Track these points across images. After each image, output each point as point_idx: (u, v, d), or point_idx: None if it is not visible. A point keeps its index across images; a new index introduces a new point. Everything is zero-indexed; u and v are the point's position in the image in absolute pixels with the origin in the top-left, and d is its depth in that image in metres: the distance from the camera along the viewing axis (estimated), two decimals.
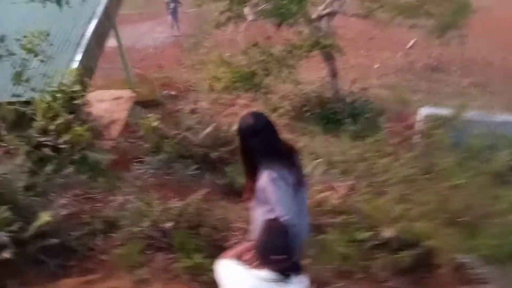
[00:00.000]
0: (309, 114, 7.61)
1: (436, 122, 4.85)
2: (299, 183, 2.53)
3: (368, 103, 8.30)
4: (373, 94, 9.04)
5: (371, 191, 4.01)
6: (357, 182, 4.45)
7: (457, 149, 4.43)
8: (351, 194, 4.21)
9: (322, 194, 3.95)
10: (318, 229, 3.73)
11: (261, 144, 2.46)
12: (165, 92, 9.56)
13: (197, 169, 5.35)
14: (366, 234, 3.59)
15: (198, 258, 3.68)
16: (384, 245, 3.65)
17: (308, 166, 4.51)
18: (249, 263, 2.18)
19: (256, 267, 2.08)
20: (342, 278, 3.37)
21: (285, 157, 2.51)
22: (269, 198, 2.36)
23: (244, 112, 7.57)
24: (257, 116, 2.57)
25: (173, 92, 9.67)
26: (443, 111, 5.40)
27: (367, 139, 5.57)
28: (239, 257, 2.31)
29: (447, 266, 3.33)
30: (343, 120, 6.78)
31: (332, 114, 7.52)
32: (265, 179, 2.39)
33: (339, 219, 3.80)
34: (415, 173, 3.89)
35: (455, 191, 3.48)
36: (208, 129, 5.47)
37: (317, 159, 5.04)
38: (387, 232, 3.55)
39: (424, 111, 5.64)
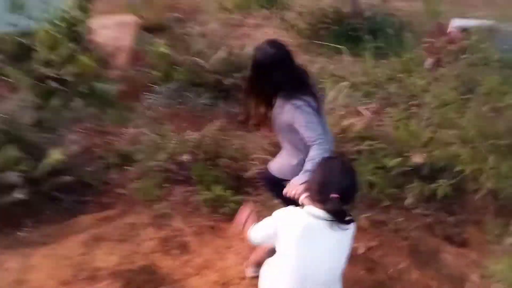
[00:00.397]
0: (325, 31, 7.04)
1: (479, 35, 4.32)
2: (319, 108, 2.41)
3: (389, 17, 7.63)
4: (393, 7, 8.31)
5: (401, 114, 3.71)
6: (384, 105, 4.15)
7: (502, 65, 4.00)
8: (377, 119, 3.94)
9: (346, 120, 3.68)
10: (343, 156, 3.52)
11: (284, 75, 2.32)
12: (171, 15, 9.00)
13: (210, 97, 5.07)
14: (394, 161, 3.37)
15: (218, 190, 3.55)
16: (414, 171, 3.45)
17: (329, 90, 4.20)
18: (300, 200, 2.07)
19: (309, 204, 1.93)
20: (369, 206, 3.21)
21: (305, 83, 2.40)
22: (300, 127, 2.27)
23: (257, 33, 7.14)
24: (277, 45, 2.39)
25: (180, 15, 9.10)
26: (476, 23, 4.87)
27: (391, 57, 5.17)
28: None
29: (481, 192, 3.13)
30: (363, 37, 6.24)
31: (350, 30, 6.92)
32: (290, 108, 2.29)
33: (364, 145, 3.56)
34: (454, 94, 3.53)
35: (499, 113, 3.17)
36: (219, 53, 5.09)
37: (337, 81, 4.71)
38: (417, 158, 3.32)
39: (455, 23, 5.09)
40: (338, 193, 1.81)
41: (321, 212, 1.84)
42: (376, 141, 3.60)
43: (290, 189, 2.17)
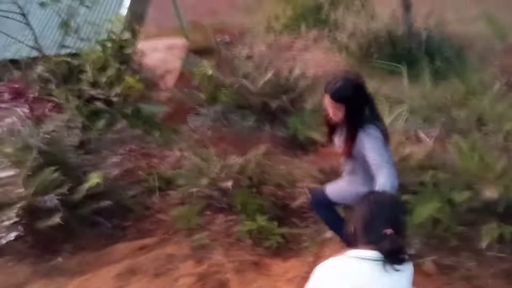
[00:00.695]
0: (378, 53, 6.72)
1: None
2: (387, 136, 2.39)
3: (446, 39, 7.20)
4: (450, 31, 7.84)
5: (468, 141, 3.31)
6: (448, 131, 3.75)
7: None
8: (441, 146, 3.55)
9: (406, 147, 3.32)
10: (404, 189, 3.16)
11: (367, 98, 2.35)
12: (219, 38, 9.01)
13: (256, 120, 4.88)
14: (462, 194, 2.96)
15: (261, 220, 3.28)
16: (486, 208, 3.02)
17: (386, 114, 3.86)
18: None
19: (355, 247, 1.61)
20: (434, 248, 2.81)
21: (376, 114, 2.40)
22: (367, 150, 2.24)
23: (307, 54, 6.92)
24: (357, 78, 2.37)
25: (227, 38, 9.09)
26: None
27: (452, 79, 4.76)
28: None
29: None
30: (419, 58, 5.86)
31: (405, 52, 6.57)
32: (363, 134, 2.28)
33: (427, 176, 3.18)
34: None
35: None
36: (267, 76, 4.90)
37: (393, 105, 4.37)
38: (490, 192, 2.89)
39: None
40: (390, 227, 1.55)
41: (372, 253, 1.53)
42: (441, 171, 3.21)
43: None
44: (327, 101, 2.35)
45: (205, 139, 4.72)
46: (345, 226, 2.80)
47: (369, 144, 2.24)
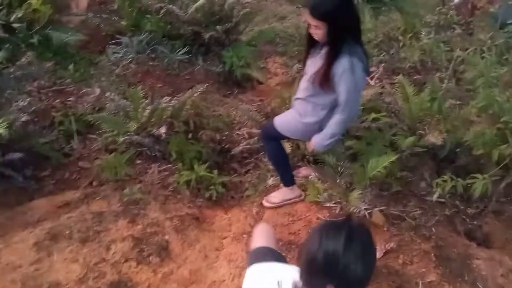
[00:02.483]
0: None
1: None
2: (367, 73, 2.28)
3: None
4: None
5: (411, 83, 3.20)
6: (389, 70, 3.63)
7: None
8: (381, 87, 3.43)
9: None
10: (348, 134, 3.04)
11: (354, 19, 2.10)
12: None
13: (187, 53, 4.41)
14: (407, 141, 2.90)
15: (200, 169, 3.02)
16: (427, 152, 3.02)
17: None
18: None
19: None
20: (381, 197, 2.77)
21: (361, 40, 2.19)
22: (343, 87, 2.10)
23: None
24: None
25: None
26: None
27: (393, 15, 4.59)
28: None
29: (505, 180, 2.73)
30: None
31: None
32: (346, 65, 2.06)
33: (371, 120, 3.08)
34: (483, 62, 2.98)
35: None
36: (198, 1, 4.36)
37: None
38: (434, 138, 2.87)
39: None
40: (335, 283, 1.17)
41: None
42: (385, 115, 3.12)
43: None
44: (306, 17, 2.06)
45: (128, 74, 4.20)
46: (286, 164, 2.71)
47: (346, 85, 2.07)
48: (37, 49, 4.13)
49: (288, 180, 2.77)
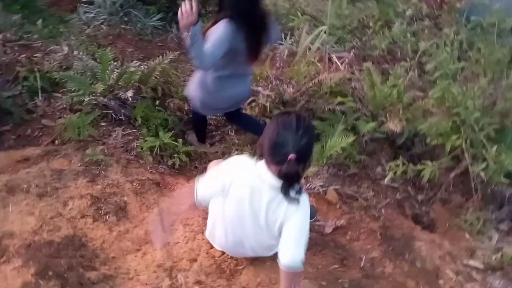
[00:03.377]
0: None
1: None
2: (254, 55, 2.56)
3: None
4: None
5: (377, 70, 3.30)
6: (360, 56, 3.71)
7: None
8: (351, 72, 3.52)
9: (322, 74, 3.22)
10: (313, 115, 3.13)
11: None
12: None
13: (161, 19, 4.35)
14: (367, 125, 3.02)
15: (165, 136, 3.04)
16: (386, 138, 3.15)
17: (305, 32, 3.68)
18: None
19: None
20: (337, 176, 2.88)
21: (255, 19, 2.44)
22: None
23: None
24: None
25: None
26: None
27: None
28: None
29: (455, 171, 2.89)
30: None
31: None
32: (221, 24, 2.37)
33: (336, 103, 3.17)
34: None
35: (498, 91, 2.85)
36: None
37: (311, 22, 4.19)
38: (393, 125, 2.99)
39: None
40: (295, 152, 1.63)
41: (273, 180, 1.71)
42: (350, 99, 3.21)
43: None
44: None
45: (99, 35, 4.12)
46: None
47: (216, 33, 2.33)
48: (4, 1, 3.99)
49: None
